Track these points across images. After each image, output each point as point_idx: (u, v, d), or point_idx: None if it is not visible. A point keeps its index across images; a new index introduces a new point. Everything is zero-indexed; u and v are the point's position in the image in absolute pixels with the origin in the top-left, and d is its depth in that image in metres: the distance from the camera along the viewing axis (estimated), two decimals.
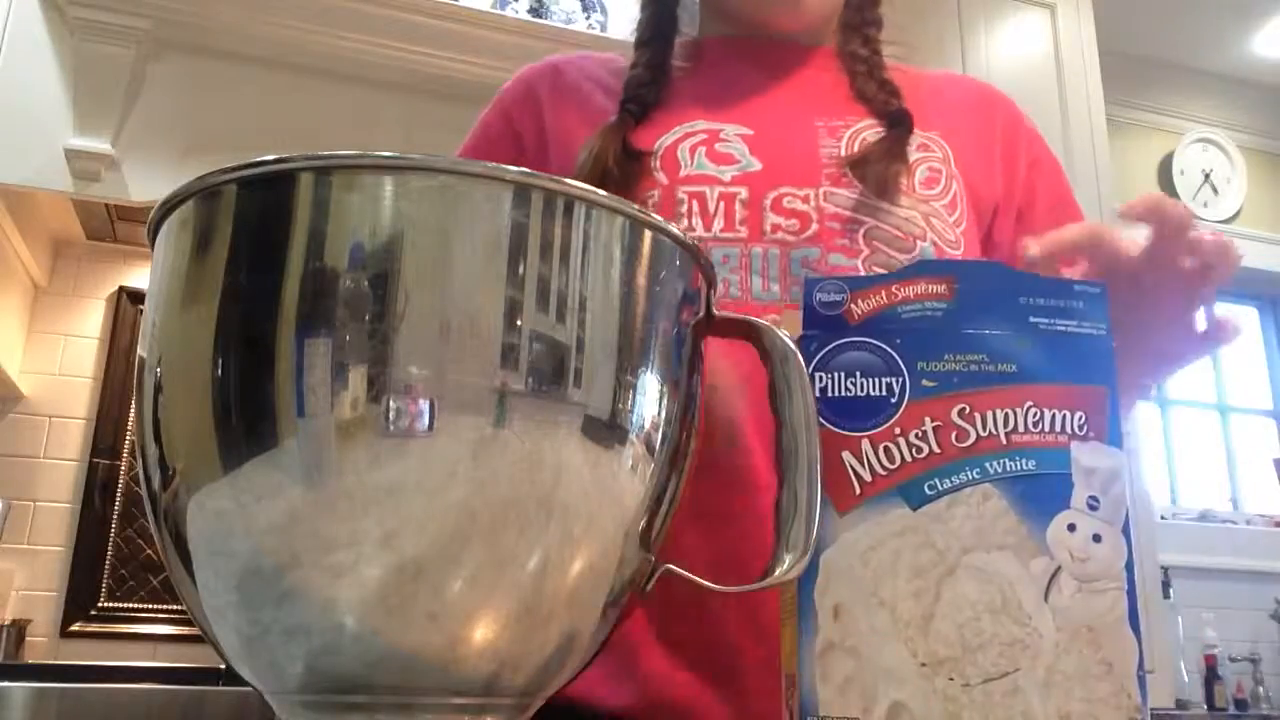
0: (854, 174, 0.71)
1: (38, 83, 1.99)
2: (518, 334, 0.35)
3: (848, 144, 0.74)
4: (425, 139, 2.13)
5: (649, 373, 0.39)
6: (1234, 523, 3.36)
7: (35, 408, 2.37)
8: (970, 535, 0.45)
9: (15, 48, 1.98)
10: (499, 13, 2.21)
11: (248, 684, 0.39)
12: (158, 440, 0.37)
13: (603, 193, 0.38)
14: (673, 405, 0.40)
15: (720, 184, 0.71)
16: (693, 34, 0.86)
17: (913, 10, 2.36)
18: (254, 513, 0.35)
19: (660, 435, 0.39)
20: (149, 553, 2.33)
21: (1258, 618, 3.21)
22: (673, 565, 0.43)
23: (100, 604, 2.30)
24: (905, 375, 0.47)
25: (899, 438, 0.46)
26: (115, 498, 2.36)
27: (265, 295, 0.35)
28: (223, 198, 0.37)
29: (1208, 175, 3.54)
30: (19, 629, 2.19)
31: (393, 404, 0.34)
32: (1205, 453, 3.50)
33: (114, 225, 2.34)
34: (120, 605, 2.31)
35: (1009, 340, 0.47)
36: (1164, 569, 2.82)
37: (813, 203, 0.70)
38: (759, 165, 0.72)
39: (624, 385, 0.38)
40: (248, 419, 0.35)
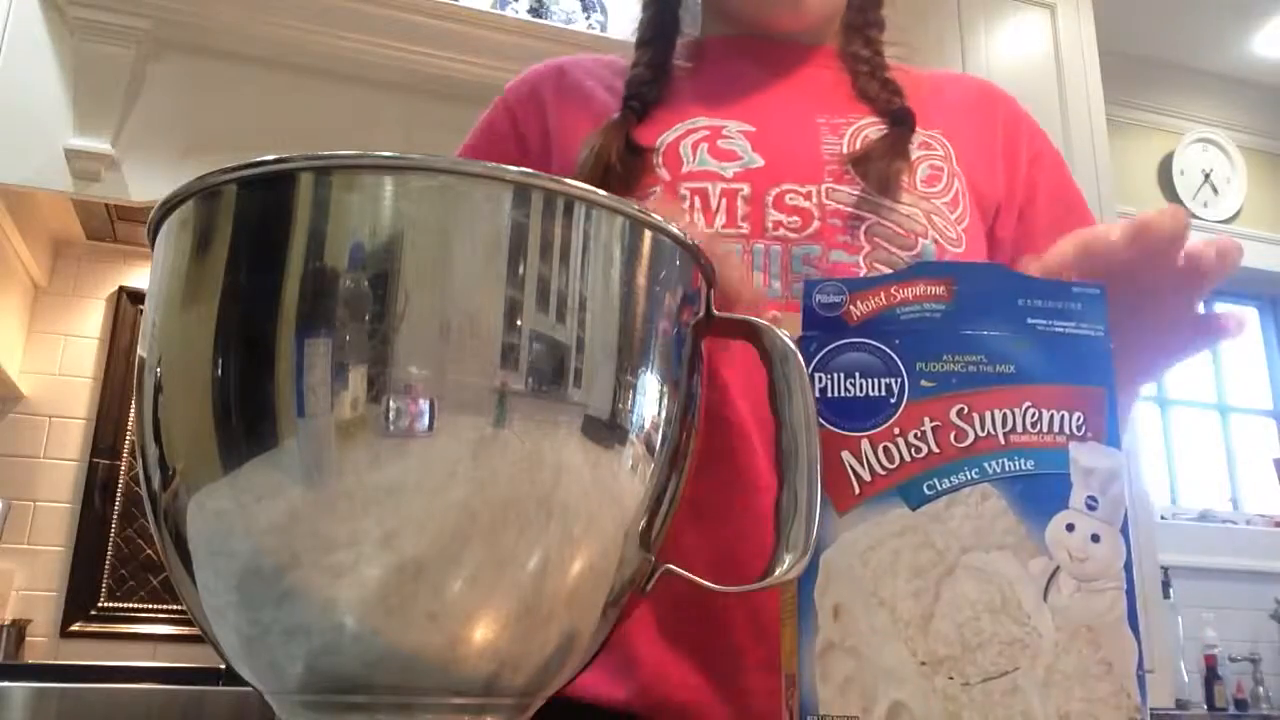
0: (856, 171, 0.71)
1: (38, 83, 1.99)
2: (518, 334, 0.35)
3: (850, 141, 0.74)
4: (425, 139, 2.13)
5: (649, 373, 0.39)
6: (1234, 523, 3.36)
7: (35, 408, 2.37)
8: (969, 535, 0.45)
9: (15, 48, 1.98)
10: (499, 13, 2.21)
11: (248, 684, 0.39)
12: (158, 440, 0.37)
13: (603, 192, 0.38)
14: (673, 405, 0.40)
15: (723, 180, 0.71)
16: (694, 34, 0.86)
17: (913, 10, 2.36)
18: (254, 513, 0.35)
19: (660, 435, 0.39)
20: (149, 553, 2.33)
21: (1258, 618, 3.22)
22: (673, 565, 0.43)
23: (100, 604, 2.30)
24: (904, 376, 0.47)
25: (898, 438, 0.46)
26: (115, 498, 2.36)
27: (265, 295, 0.35)
28: (223, 198, 0.37)
29: (1208, 175, 3.54)
30: (19, 629, 2.19)
31: (393, 404, 0.34)
32: (1205, 453, 3.50)
33: (114, 225, 2.34)
34: (120, 605, 2.31)
35: (1007, 341, 0.47)
36: (1164, 569, 2.82)
37: (815, 200, 0.70)
38: (761, 162, 0.72)
39: (624, 385, 0.38)
40: (248, 419, 0.35)
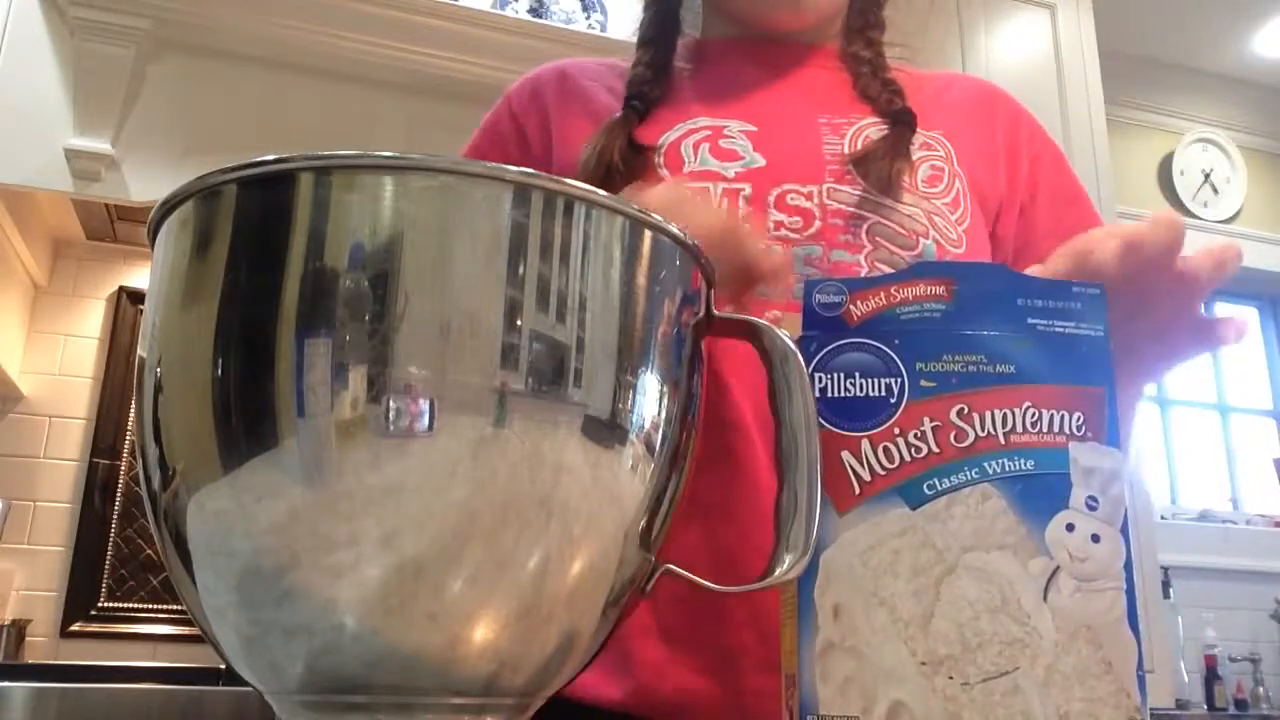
0: (857, 171, 0.71)
1: (38, 83, 1.99)
2: (518, 334, 0.35)
3: (851, 141, 0.74)
4: (425, 139, 2.13)
5: (649, 373, 0.39)
6: (1234, 523, 3.36)
7: (35, 408, 2.37)
8: (969, 535, 0.45)
9: (15, 48, 1.98)
10: (499, 13, 2.21)
11: (248, 684, 0.39)
12: (158, 440, 0.37)
13: (602, 192, 0.38)
14: (673, 405, 0.40)
15: (724, 180, 0.71)
16: (694, 35, 0.87)
17: (912, 11, 2.35)
18: (254, 513, 0.35)
19: (660, 435, 0.39)
20: (149, 553, 2.33)
21: (1258, 618, 3.22)
22: (673, 565, 0.43)
23: (100, 604, 2.30)
24: (904, 376, 0.47)
25: (898, 438, 0.46)
26: (115, 498, 2.36)
27: (265, 295, 0.35)
28: (223, 198, 0.37)
29: (1208, 175, 3.54)
30: (19, 629, 2.19)
31: (393, 404, 0.34)
32: (1205, 453, 3.50)
33: (114, 225, 2.34)
34: (120, 605, 2.31)
35: (1007, 341, 0.47)
36: (1164, 569, 2.82)
37: (816, 200, 0.70)
38: (763, 161, 0.72)
39: (624, 385, 0.38)
40: (248, 419, 0.35)
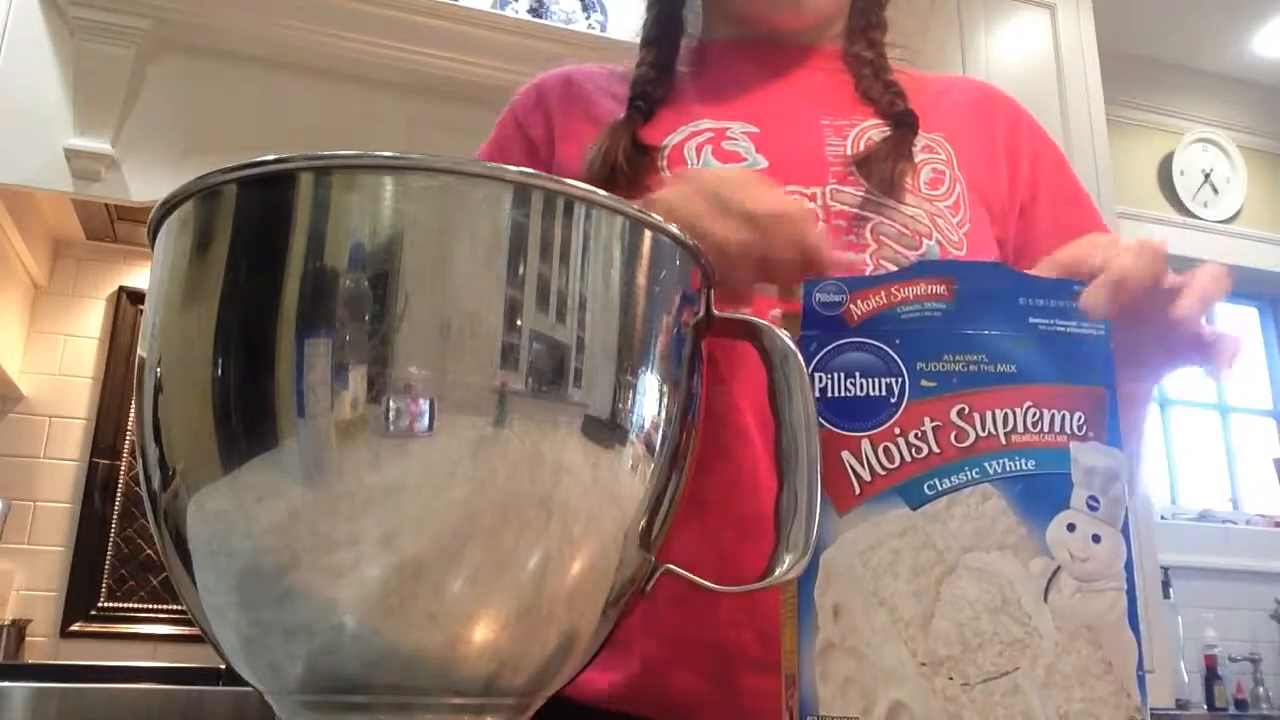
0: (860, 172, 0.71)
1: (38, 83, 1.99)
2: (518, 334, 0.35)
3: (853, 143, 0.74)
4: (425, 139, 2.13)
5: (649, 373, 0.39)
6: (1234, 523, 3.36)
7: (35, 408, 2.37)
8: (970, 535, 0.45)
9: (15, 48, 1.98)
10: (499, 13, 2.21)
11: (248, 684, 0.39)
12: (158, 440, 0.37)
13: (602, 192, 0.38)
14: (673, 405, 0.40)
15: None
16: (696, 35, 0.87)
17: (913, 11, 2.35)
18: (254, 513, 0.35)
19: (660, 435, 0.39)
20: (149, 553, 2.33)
21: (1258, 618, 3.21)
22: (673, 565, 0.43)
23: (100, 604, 2.30)
24: (905, 375, 0.47)
25: (898, 438, 0.46)
26: (115, 498, 2.36)
27: (265, 295, 0.35)
28: (223, 198, 0.37)
29: (1208, 175, 3.54)
30: (19, 629, 2.19)
31: (393, 404, 0.34)
32: (1205, 453, 3.50)
33: (114, 225, 2.34)
34: (120, 605, 2.31)
35: (1008, 340, 0.47)
36: (1164, 569, 2.82)
37: (819, 201, 0.70)
38: (765, 163, 0.72)
39: (624, 385, 0.38)
40: (248, 419, 0.35)
